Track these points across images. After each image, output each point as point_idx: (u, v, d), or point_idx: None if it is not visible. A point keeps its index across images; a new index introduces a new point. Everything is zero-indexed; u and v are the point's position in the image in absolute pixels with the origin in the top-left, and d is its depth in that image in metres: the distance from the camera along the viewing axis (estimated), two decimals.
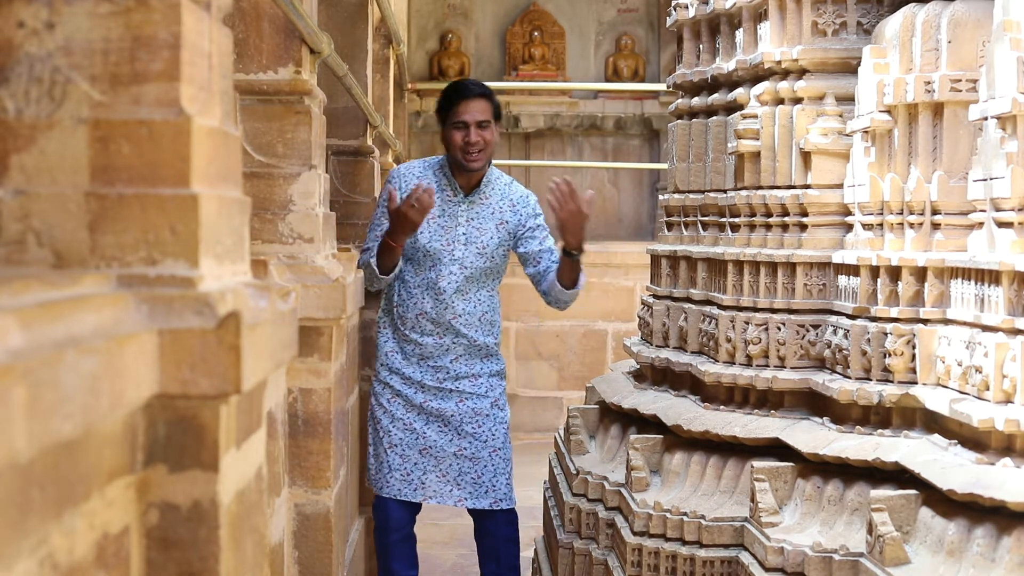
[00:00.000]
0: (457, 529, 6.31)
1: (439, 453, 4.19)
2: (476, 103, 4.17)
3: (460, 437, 4.20)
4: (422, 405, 4.20)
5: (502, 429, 4.27)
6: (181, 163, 1.53)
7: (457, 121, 4.16)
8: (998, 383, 2.79)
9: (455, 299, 4.19)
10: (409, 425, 4.20)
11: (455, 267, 4.19)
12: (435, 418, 4.20)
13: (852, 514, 3.23)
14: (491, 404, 4.25)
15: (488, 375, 4.26)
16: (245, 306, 1.54)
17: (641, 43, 11.05)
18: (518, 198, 4.29)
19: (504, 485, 4.24)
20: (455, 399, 4.20)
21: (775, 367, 3.73)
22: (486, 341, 4.26)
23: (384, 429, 4.22)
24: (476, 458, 4.20)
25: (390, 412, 4.22)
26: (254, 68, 3.45)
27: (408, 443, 4.19)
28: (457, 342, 4.21)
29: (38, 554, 1.19)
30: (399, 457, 4.19)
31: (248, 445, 1.73)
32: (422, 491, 4.19)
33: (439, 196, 4.19)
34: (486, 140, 4.16)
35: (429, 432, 4.19)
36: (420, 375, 4.21)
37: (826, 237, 3.73)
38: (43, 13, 1.51)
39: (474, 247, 4.20)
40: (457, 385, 4.21)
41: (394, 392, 4.23)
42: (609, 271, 9.50)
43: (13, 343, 1.09)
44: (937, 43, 3.36)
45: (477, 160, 4.16)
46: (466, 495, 4.20)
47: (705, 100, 4.32)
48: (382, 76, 6.56)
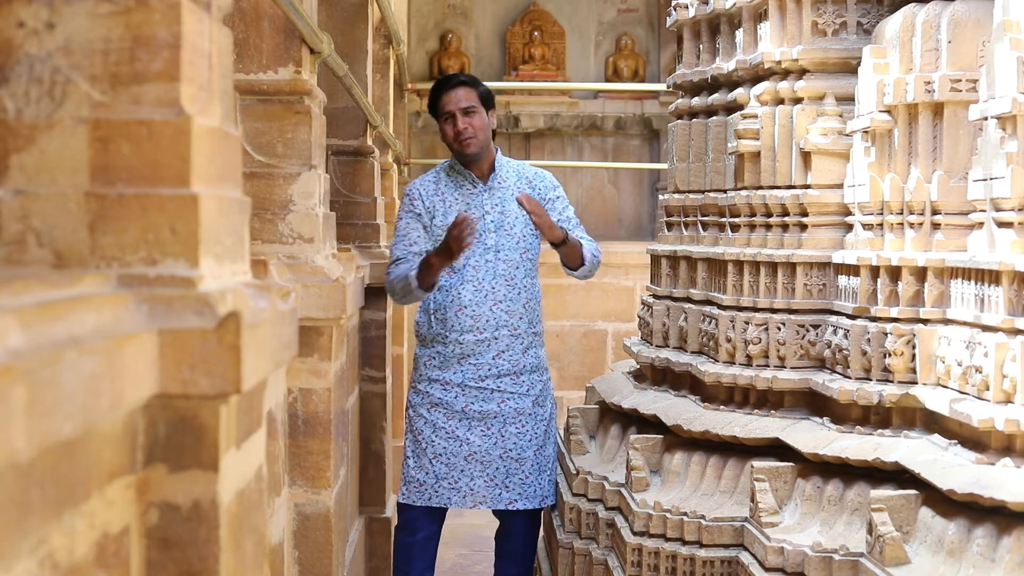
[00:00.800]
0: (458, 529, 6.31)
1: (485, 457, 4.17)
2: (457, 92, 4.24)
3: (504, 439, 4.18)
4: (464, 409, 4.18)
5: (543, 426, 4.26)
6: (181, 163, 1.53)
7: (444, 113, 4.24)
8: (998, 383, 2.79)
9: (496, 286, 4.19)
10: (452, 433, 4.17)
11: (489, 255, 4.19)
12: (478, 422, 4.18)
13: (852, 514, 3.23)
14: (532, 402, 4.24)
15: (529, 372, 4.25)
16: (245, 306, 1.54)
17: (641, 43, 11.05)
18: (534, 175, 4.36)
19: (547, 482, 4.25)
20: (497, 400, 4.19)
21: (775, 367, 3.73)
22: (528, 330, 4.25)
23: (427, 440, 4.18)
24: (522, 459, 4.19)
25: (432, 422, 4.19)
26: (254, 68, 3.45)
27: (453, 451, 4.17)
28: (499, 335, 4.19)
29: (38, 554, 1.19)
30: (445, 466, 4.16)
31: (248, 445, 1.73)
32: (471, 497, 4.17)
33: (459, 192, 4.23)
34: (474, 125, 4.20)
35: (473, 437, 4.17)
36: (460, 376, 4.19)
37: (826, 237, 3.73)
38: (43, 13, 1.51)
39: (503, 231, 4.22)
40: (499, 384, 4.19)
41: (434, 402, 4.20)
42: (609, 271, 9.50)
43: (13, 343, 1.09)
44: (937, 43, 3.36)
45: (470, 145, 4.20)
46: (516, 496, 4.20)
47: (705, 100, 4.32)
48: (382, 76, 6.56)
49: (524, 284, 4.24)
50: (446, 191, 4.23)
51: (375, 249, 5.25)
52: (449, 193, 4.23)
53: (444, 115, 4.22)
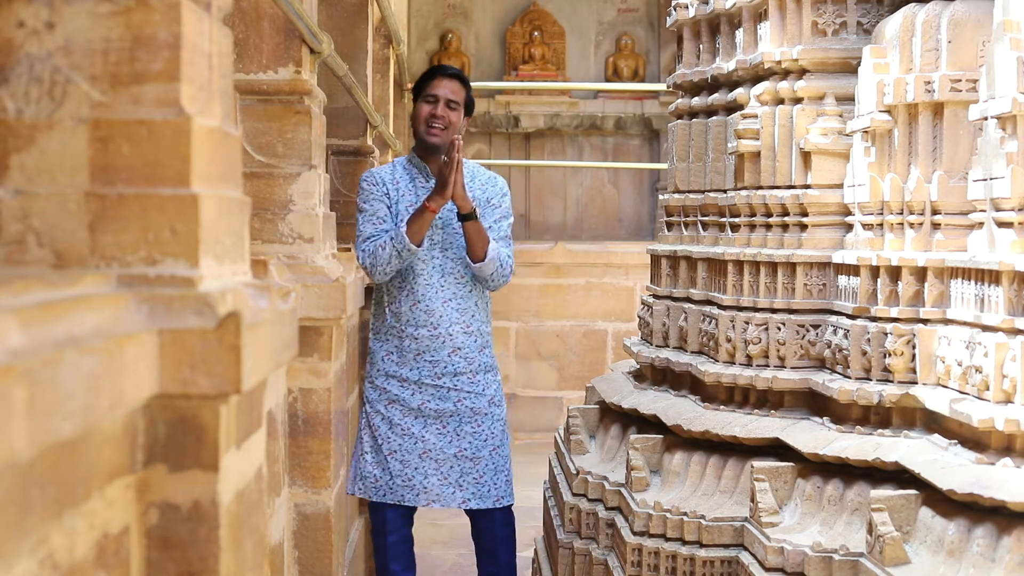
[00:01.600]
0: (457, 529, 6.31)
1: (439, 455, 4.16)
2: (451, 83, 4.21)
3: (460, 437, 4.18)
4: (420, 407, 4.17)
5: (499, 426, 4.25)
6: (181, 163, 1.53)
7: (428, 94, 4.19)
8: (998, 383, 2.79)
9: (444, 282, 4.18)
10: (407, 430, 4.16)
11: (436, 251, 4.17)
12: (434, 419, 4.18)
13: (852, 514, 3.23)
14: (488, 402, 4.23)
15: (484, 371, 4.24)
16: (245, 306, 1.54)
17: (641, 43, 11.06)
18: (487, 178, 4.32)
19: (504, 483, 4.23)
20: (453, 398, 4.18)
21: (775, 367, 3.73)
22: (480, 328, 4.23)
23: (383, 436, 4.17)
24: (477, 458, 4.18)
25: (388, 418, 4.18)
26: (254, 68, 3.45)
27: (407, 448, 4.16)
28: (452, 331, 4.18)
29: (38, 554, 1.19)
30: (399, 463, 4.15)
31: (248, 445, 1.73)
32: (424, 495, 4.16)
33: (412, 185, 4.21)
34: (451, 120, 4.17)
35: (428, 435, 4.16)
36: (417, 373, 4.18)
37: (826, 237, 3.73)
38: (43, 13, 1.52)
39: (452, 229, 4.18)
40: (455, 383, 4.18)
41: (391, 398, 4.18)
42: (609, 271, 9.50)
43: (13, 343, 1.09)
44: (937, 43, 3.36)
45: (437, 136, 4.16)
46: (469, 496, 4.18)
47: (705, 100, 4.32)
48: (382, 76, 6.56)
49: (475, 282, 4.22)
50: (400, 181, 4.22)
51: None
52: (403, 184, 4.21)
53: (427, 96, 4.18)
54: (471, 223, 4.07)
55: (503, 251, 4.20)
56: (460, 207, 4.05)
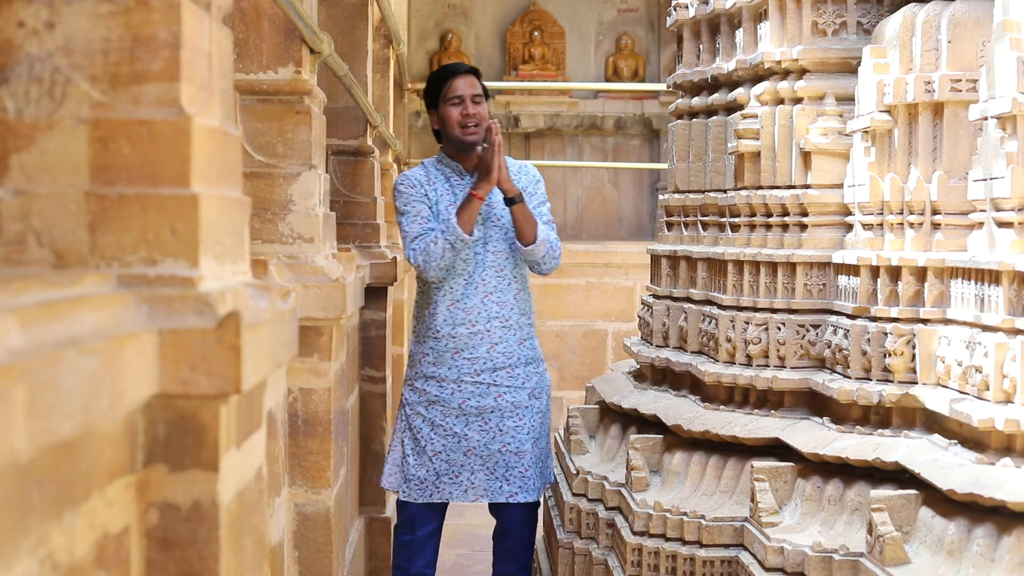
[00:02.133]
0: (457, 529, 6.31)
1: (484, 452, 4.16)
2: (467, 79, 4.22)
3: (502, 433, 4.17)
4: (461, 405, 4.16)
5: (538, 418, 4.25)
6: (181, 163, 1.53)
7: (452, 97, 4.19)
8: (998, 383, 2.79)
9: (485, 277, 4.18)
10: (450, 430, 4.16)
11: (478, 246, 4.17)
12: (475, 417, 4.17)
13: (852, 514, 3.23)
14: (528, 395, 4.23)
15: (524, 364, 4.22)
16: (245, 306, 1.54)
17: (641, 43, 11.06)
18: (518, 168, 4.32)
19: (547, 474, 4.25)
20: (493, 394, 4.17)
21: (775, 367, 3.73)
22: (520, 321, 4.23)
23: (426, 437, 4.17)
24: (521, 451, 4.18)
25: (430, 420, 4.18)
26: (254, 68, 3.45)
27: (452, 447, 4.16)
28: (491, 327, 4.17)
29: (38, 554, 1.19)
30: (445, 463, 4.15)
31: (248, 445, 1.73)
32: (473, 491, 4.16)
33: (448, 184, 4.22)
34: (481, 115, 4.19)
35: (471, 433, 4.16)
36: (456, 372, 4.18)
37: (826, 237, 3.73)
38: (43, 13, 1.52)
39: (491, 223, 4.19)
40: (494, 378, 4.18)
41: (431, 399, 4.18)
42: (609, 271, 9.50)
43: (13, 343, 1.09)
44: (937, 43, 3.36)
45: (474, 133, 4.17)
46: (516, 489, 4.18)
47: (705, 100, 4.32)
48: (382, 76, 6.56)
49: (514, 275, 4.23)
50: (436, 182, 4.23)
51: (375, 249, 5.25)
52: (439, 184, 4.22)
53: (452, 99, 4.19)
54: (518, 207, 4.10)
55: (551, 234, 4.22)
56: (506, 191, 4.08)
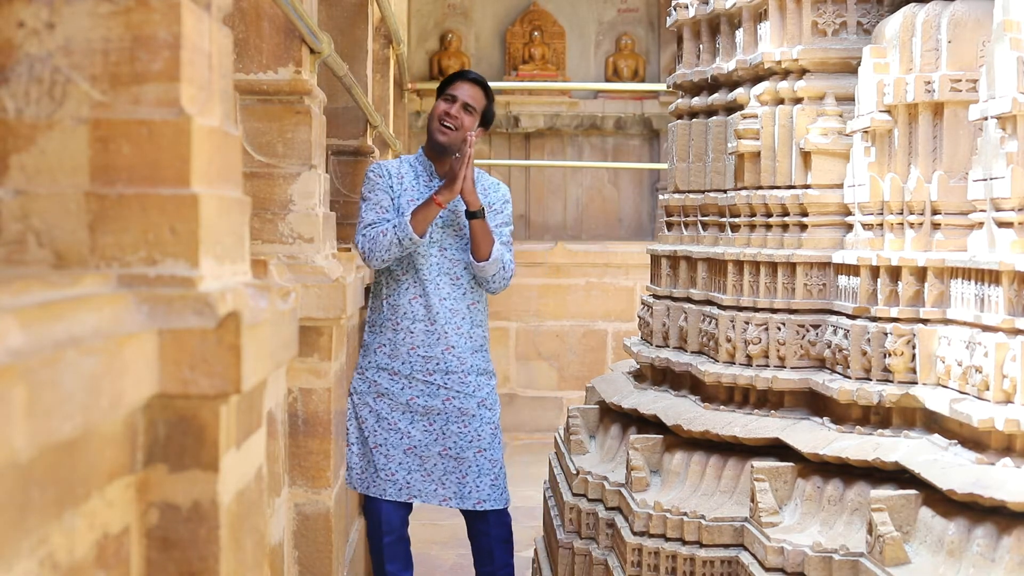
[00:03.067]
0: (457, 529, 6.30)
1: (424, 452, 4.19)
2: (472, 87, 4.26)
3: (445, 436, 4.20)
4: (408, 402, 4.20)
5: (488, 429, 4.26)
6: (181, 163, 1.53)
7: (448, 94, 4.24)
8: (998, 383, 2.79)
9: (441, 283, 4.21)
10: (394, 425, 4.20)
11: (435, 249, 4.21)
12: (421, 416, 4.20)
13: (852, 514, 3.23)
14: (478, 404, 4.25)
15: (476, 373, 4.26)
16: (245, 306, 1.54)
17: (641, 43, 11.05)
18: (489, 184, 4.37)
19: (488, 486, 4.23)
20: (442, 396, 4.20)
21: (775, 367, 3.73)
22: (472, 332, 4.26)
23: (369, 428, 4.21)
24: (461, 458, 4.20)
25: (376, 411, 4.21)
26: (254, 68, 3.45)
27: (392, 443, 4.19)
28: (447, 329, 4.21)
29: (38, 554, 1.19)
30: (383, 457, 4.19)
31: (248, 445, 1.73)
32: (407, 490, 4.20)
33: (416, 182, 4.26)
34: (463, 123, 4.21)
35: (414, 431, 4.19)
36: (409, 367, 4.20)
37: (826, 237, 3.73)
38: (43, 13, 1.52)
39: (451, 229, 4.23)
40: (446, 381, 4.20)
41: (380, 391, 4.22)
42: (609, 271, 9.50)
43: (13, 343, 1.09)
44: (937, 43, 3.36)
45: (445, 134, 4.20)
46: (451, 495, 4.21)
47: (705, 100, 4.32)
48: (382, 76, 6.56)
49: (470, 285, 4.25)
50: (405, 177, 4.26)
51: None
52: (408, 179, 4.26)
53: (447, 95, 4.23)
54: (478, 221, 4.11)
55: (506, 255, 4.22)
56: (469, 203, 4.09)
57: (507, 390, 9.41)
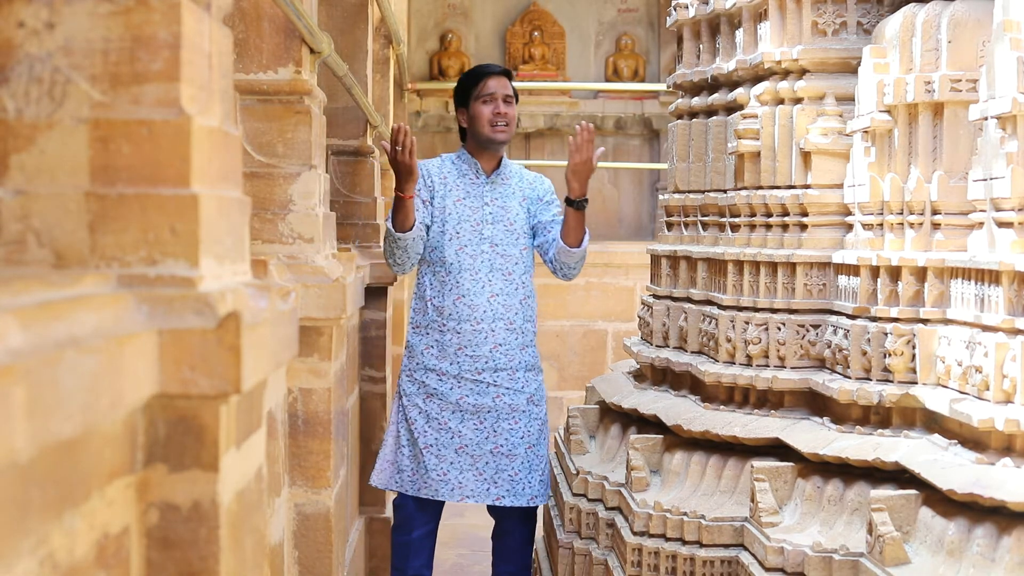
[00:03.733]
0: (457, 529, 6.31)
1: (475, 451, 4.17)
2: (500, 80, 4.31)
3: (496, 434, 4.18)
4: (458, 401, 4.18)
5: (536, 425, 4.25)
6: (181, 163, 1.53)
7: (485, 95, 4.26)
8: (998, 383, 2.79)
9: (493, 278, 4.20)
10: (444, 424, 4.17)
11: (485, 246, 4.21)
12: (471, 415, 4.18)
13: (852, 514, 3.23)
14: (527, 400, 4.23)
15: (525, 369, 4.24)
16: (245, 306, 1.54)
17: (641, 43, 11.05)
18: (534, 177, 4.40)
19: (538, 482, 4.23)
20: (492, 394, 4.18)
21: (775, 367, 3.74)
22: (524, 326, 4.24)
23: (419, 430, 4.18)
24: (513, 455, 4.18)
25: (425, 412, 4.19)
26: (254, 68, 3.45)
27: (443, 443, 4.17)
28: (495, 327, 4.18)
29: (38, 554, 1.19)
30: (435, 457, 4.16)
31: (248, 445, 1.73)
32: (459, 491, 4.16)
33: (462, 180, 4.27)
34: (510, 116, 4.27)
35: (464, 430, 4.17)
36: (457, 368, 4.18)
37: (826, 237, 3.73)
38: (43, 13, 1.52)
39: (501, 225, 4.23)
40: (495, 378, 4.19)
41: (429, 392, 4.20)
42: (609, 271, 9.50)
43: (13, 343, 1.09)
44: (937, 43, 3.36)
45: (504, 132, 4.25)
46: (504, 492, 4.18)
47: (705, 100, 4.32)
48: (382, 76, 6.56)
49: (521, 280, 4.25)
50: (449, 176, 4.26)
51: (375, 249, 5.25)
52: (452, 178, 4.26)
53: (484, 96, 4.23)
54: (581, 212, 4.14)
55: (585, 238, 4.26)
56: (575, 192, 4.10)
57: None
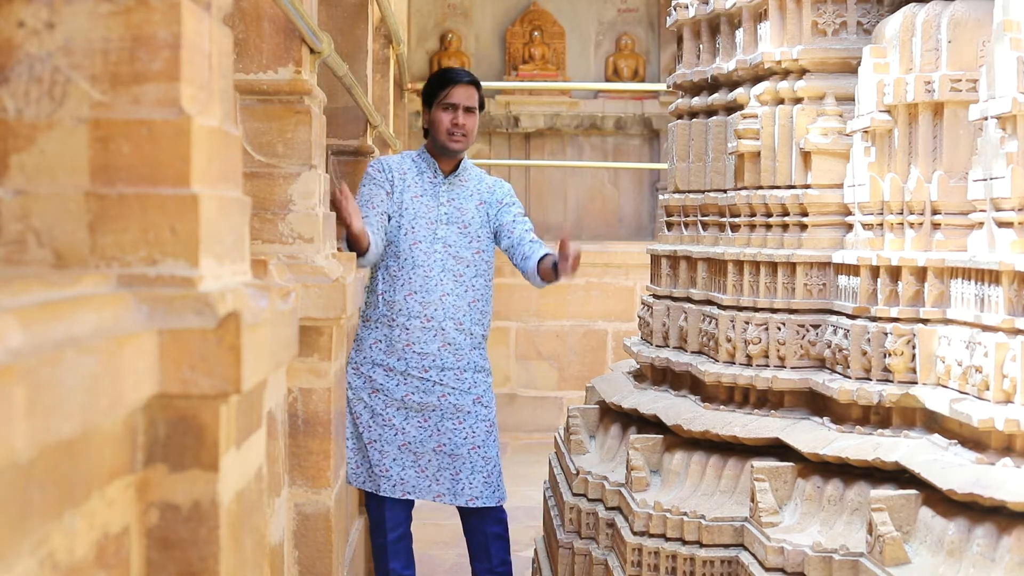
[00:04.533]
0: (457, 529, 6.30)
1: (418, 448, 4.20)
2: (467, 90, 4.30)
3: (439, 433, 4.21)
4: (404, 398, 4.20)
5: (483, 427, 4.26)
6: (181, 163, 1.53)
7: (447, 103, 4.27)
8: (998, 383, 2.79)
9: (443, 278, 4.22)
10: (388, 421, 4.21)
11: (439, 245, 4.23)
12: (416, 412, 4.21)
13: (852, 514, 3.23)
14: (473, 401, 4.25)
15: (473, 370, 4.26)
16: (245, 306, 1.54)
17: (641, 43, 11.05)
18: (493, 182, 4.42)
19: (481, 483, 4.24)
20: (437, 393, 4.21)
21: (775, 367, 3.73)
22: (473, 329, 4.26)
23: (364, 424, 4.23)
24: (455, 455, 4.21)
25: (370, 407, 4.23)
26: (254, 68, 3.45)
27: (387, 439, 4.21)
28: (445, 325, 4.21)
29: (38, 554, 1.19)
30: (378, 453, 4.21)
31: (248, 445, 1.73)
32: (401, 486, 4.21)
33: (420, 178, 4.30)
34: (469, 127, 4.28)
35: (408, 427, 4.20)
36: (404, 364, 4.20)
37: (826, 237, 3.73)
38: (43, 13, 1.52)
39: (455, 226, 4.25)
40: (441, 377, 4.21)
41: (375, 387, 4.23)
42: (609, 271, 9.50)
43: (13, 343, 1.09)
44: (937, 43, 3.36)
45: (460, 143, 4.28)
46: (444, 491, 4.22)
47: (705, 100, 4.32)
48: (382, 76, 6.56)
49: (473, 283, 4.27)
50: (408, 172, 4.30)
51: None
52: (411, 175, 4.30)
53: (446, 105, 4.25)
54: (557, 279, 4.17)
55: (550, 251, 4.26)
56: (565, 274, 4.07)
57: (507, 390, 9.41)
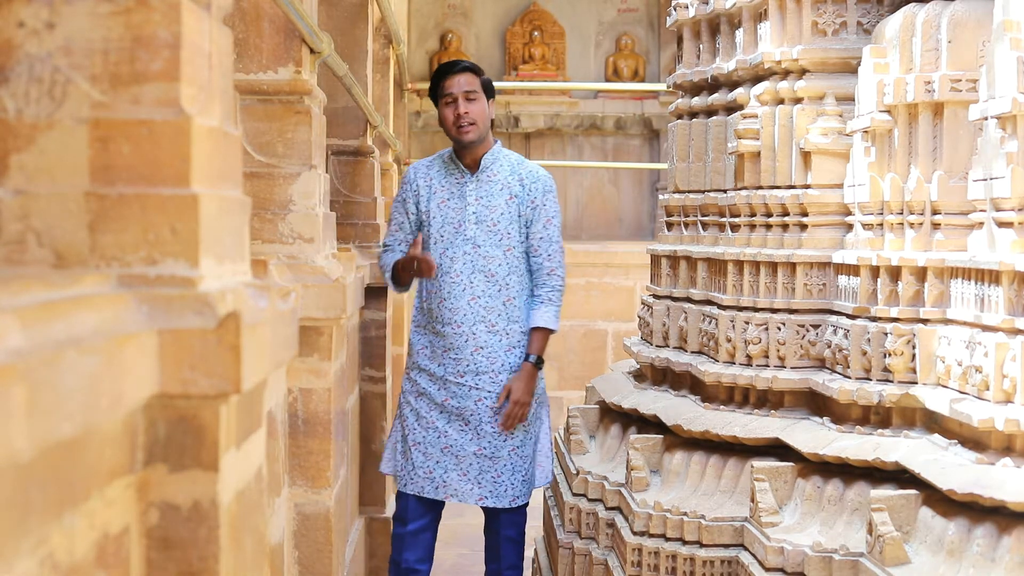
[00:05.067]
0: (457, 529, 6.31)
1: (460, 452, 4.19)
2: (461, 76, 4.21)
3: (480, 436, 4.19)
4: (443, 403, 4.20)
5: (521, 427, 4.25)
6: (181, 163, 1.53)
7: (446, 96, 4.20)
8: (998, 383, 2.79)
9: (474, 280, 4.18)
10: (432, 423, 4.21)
11: (468, 247, 4.18)
12: (456, 416, 4.20)
13: (852, 514, 3.23)
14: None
15: (508, 372, 4.21)
16: (245, 306, 1.54)
17: (641, 43, 11.05)
18: (527, 173, 4.30)
19: (520, 482, 4.24)
20: (474, 397, 4.19)
21: (775, 367, 3.73)
22: (509, 328, 4.22)
23: (409, 427, 4.24)
24: (496, 457, 4.19)
25: (416, 410, 4.23)
26: (254, 68, 3.45)
27: (431, 441, 4.20)
28: (476, 330, 4.17)
29: (38, 554, 1.19)
30: (422, 455, 4.20)
31: (248, 445, 1.73)
32: (444, 489, 4.20)
33: (448, 180, 4.26)
34: (474, 112, 4.18)
35: (450, 431, 4.20)
36: (443, 370, 4.20)
37: (826, 237, 3.73)
38: (43, 13, 1.52)
39: (485, 225, 4.20)
40: (476, 382, 4.19)
41: (420, 391, 4.23)
42: (609, 271, 9.50)
43: (13, 343, 1.09)
44: (937, 43, 3.36)
45: (469, 132, 4.17)
46: (487, 493, 4.20)
47: (705, 100, 4.32)
48: (382, 76, 6.56)
49: (506, 281, 4.21)
50: (435, 176, 4.25)
51: (375, 249, 5.25)
52: (437, 179, 4.24)
53: (445, 98, 4.20)
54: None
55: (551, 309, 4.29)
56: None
57: None
